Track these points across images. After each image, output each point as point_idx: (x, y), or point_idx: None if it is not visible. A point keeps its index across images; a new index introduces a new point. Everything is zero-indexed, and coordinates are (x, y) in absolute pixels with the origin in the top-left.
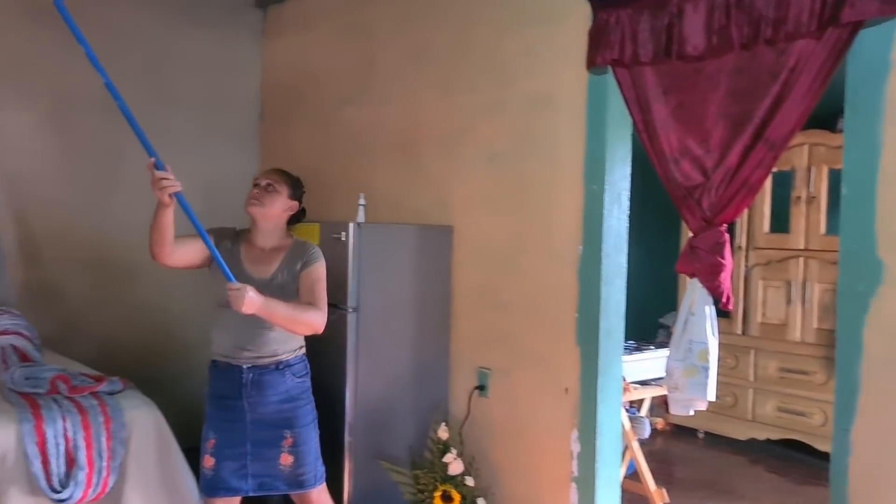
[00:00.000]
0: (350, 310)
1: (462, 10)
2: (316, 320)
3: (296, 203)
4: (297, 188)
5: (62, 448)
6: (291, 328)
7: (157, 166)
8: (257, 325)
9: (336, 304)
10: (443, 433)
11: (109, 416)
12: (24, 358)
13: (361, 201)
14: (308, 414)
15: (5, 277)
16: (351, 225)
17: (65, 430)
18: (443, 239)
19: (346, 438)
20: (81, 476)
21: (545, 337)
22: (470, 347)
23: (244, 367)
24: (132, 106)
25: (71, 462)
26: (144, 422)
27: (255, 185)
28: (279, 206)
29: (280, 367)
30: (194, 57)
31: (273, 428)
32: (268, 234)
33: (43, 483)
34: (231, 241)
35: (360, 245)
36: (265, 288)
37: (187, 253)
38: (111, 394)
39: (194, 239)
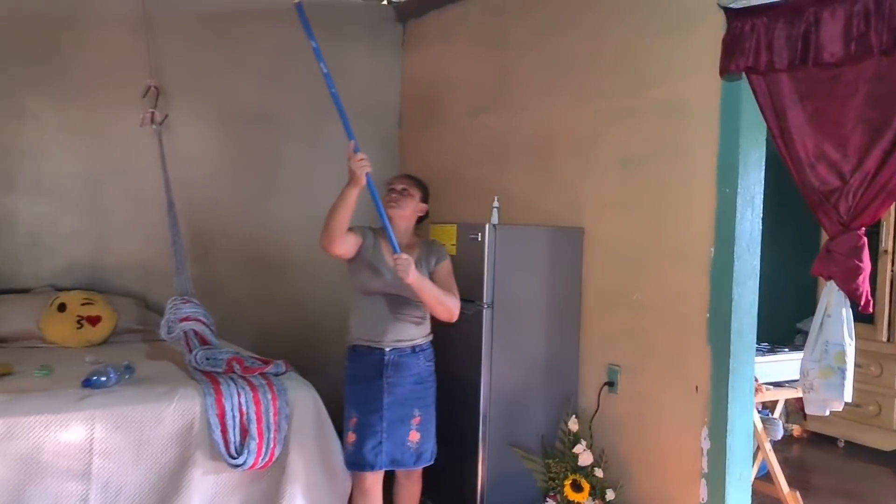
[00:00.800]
0: (485, 306)
1: (596, 19)
2: (454, 306)
3: (425, 206)
4: (426, 192)
5: (237, 420)
6: (433, 305)
7: (355, 149)
8: (397, 310)
9: (472, 300)
10: (573, 425)
11: (276, 394)
12: (203, 341)
13: (496, 204)
14: (433, 395)
15: (187, 272)
16: (486, 226)
17: (240, 404)
18: (574, 240)
19: (481, 427)
20: (253, 445)
21: (675, 336)
22: (600, 344)
23: (386, 349)
24: (295, 115)
25: (245, 433)
26: (304, 400)
27: (392, 190)
28: (412, 209)
29: (415, 350)
30: (342, 70)
31: (405, 407)
32: (401, 233)
33: (222, 449)
34: (373, 236)
35: (495, 245)
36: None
37: (347, 242)
38: (276, 375)
39: (348, 233)
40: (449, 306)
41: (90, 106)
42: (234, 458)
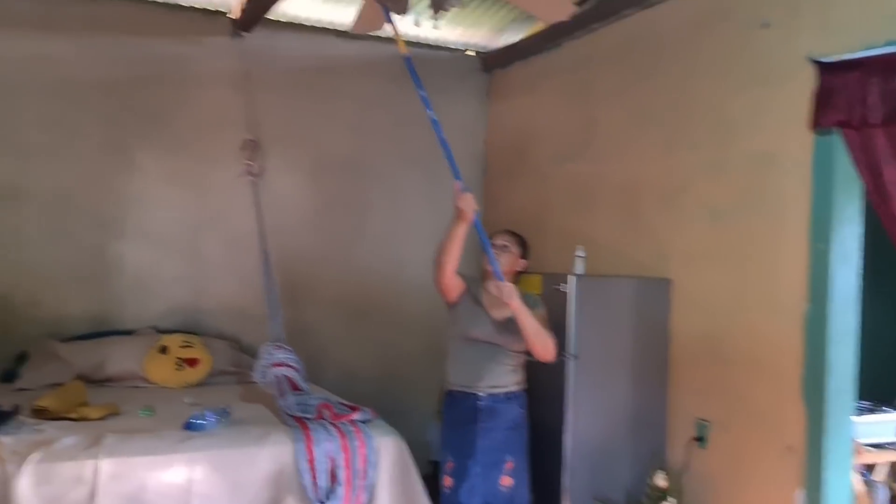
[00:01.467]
0: (570, 356)
1: (683, 71)
2: (551, 343)
3: (525, 262)
4: (525, 248)
5: (326, 466)
6: (532, 338)
7: (462, 189)
8: (494, 358)
9: (558, 352)
10: (661, 481)
11: (363, 441)
12: (294, 387)
13: (580, 253)
14: (526, 441)
15: (279, 317)
16: (571, 277)
17: (328, 450)
18: (661, 291)
19: (564, 479)
20: (340, 491)
21: (767, 393)
22: (688, 398)
23: (481, 395)
24: (381, 163)
25: (333, 478)
26: (391, 448)
27: (492, 245)
28: (512, 264)
29: (510, 397)
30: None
31: (499, 452)
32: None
33: (311, 494)
34: (474, 286)
35: (580, 296)
36: (503, 327)
37: (456, 281)
38: (364, 422)
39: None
40: (548, 341)
41: (193, 158)
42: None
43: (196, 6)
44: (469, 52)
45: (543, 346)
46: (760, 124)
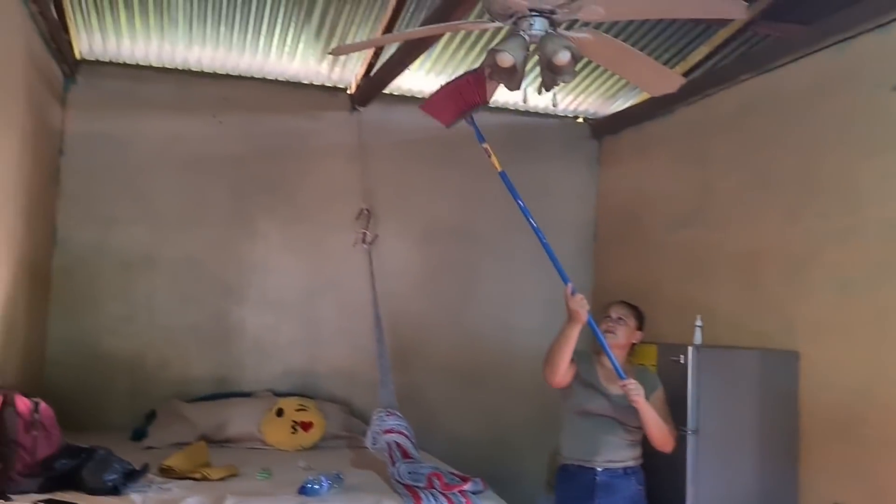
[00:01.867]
0: (689, 432)
1: (807, 137)
2: (672, 435)
3: (641, 334)
4: (641, 320)
5: None
6: (655, 432)
7: (573, 291)
8: (611, 432)
9: (676, 426)
10: None
11: None
12: (405, 454)
13: (698, 323)
14: None
15: (391, 384)
16: (690, 348)
17: None
18: (788, 364)
19: None
20: None
21: None
22: (822, 480)
23: (598, 469)
24: (490, 230)
25: None
26: None
27: (607, 317)
28: (627, 337)
29: (627, 472)
30: (537, 185)
31: None
32: (618, 358)
33: None
34: (587, 362)
35: (699, 368)
36: (620, 403)
37: (568, 372)
38: (474, 493)
39: None
40: (669, 433)
41: (310, 227)
42: None
43: (317, 84)
44: (579, 120)
45: (664, 437)
46: (894, 190)
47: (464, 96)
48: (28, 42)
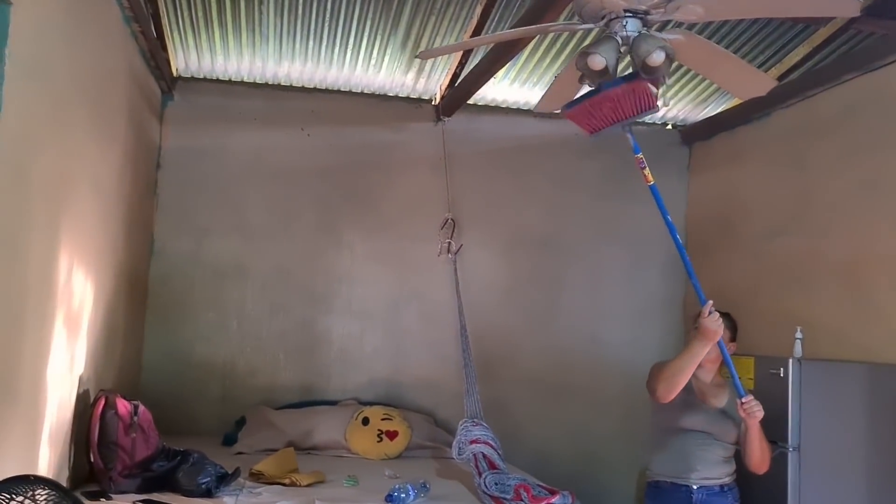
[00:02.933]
0: (791, 449)
1: None
2: (770, 456)
3: (734, 345)
4: (735, 330)
5: None
6: (756, 451)
7: (710, 311)
8: (708, 447)
9: (774, 441)
10: None
11: None
12: (491, 465)
13: (798, 335)
14: None
15: (476, 394)
16: (790, 360)
17: None
18: None
19: None
20: None
21: None
22: None
23: (694, 487)
24: (576, 239)
25: None
26: None
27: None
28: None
29: (724, 489)
30: (625, 195)
31: None
32: (711, 372)
33: None
34: None
35: (800, 382)
36: (718, 416)
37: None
38: None
39: None
40: (769, 451)
41: (395, 237)
42: None
43: (402, 95)
44: (668, 127)
45: (764, 459)
46: None
47: (620, 104)
48: (130, 60)
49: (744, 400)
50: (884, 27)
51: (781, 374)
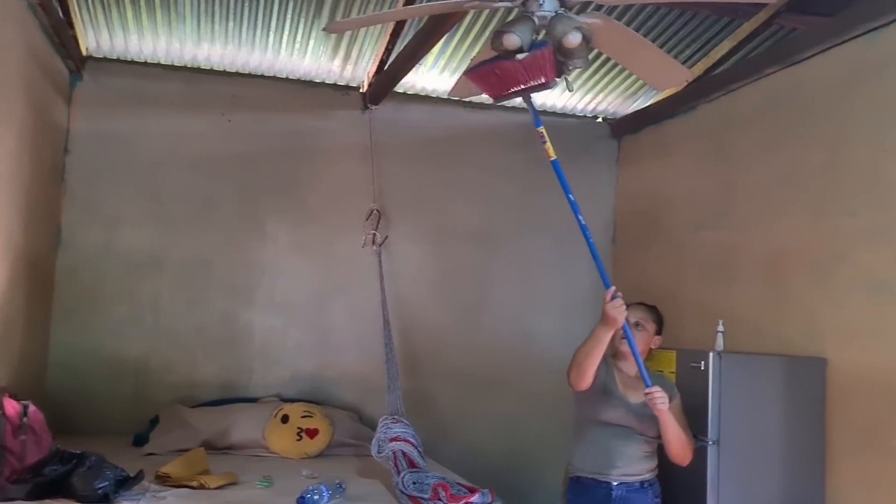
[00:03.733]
0: (710, 442)
1: (835, 131)
2: (691, 446)
3: (659, 338)
4: (661, 324)
5: None
6: (674, 443)
7: (613, 296)
8: (628, 443)
9: (694, 435)
10: None
11: None
12: (411, 463)
13: (720, 328)
14: None
15: (398, 390)
16: (711, 354)
17: None
18: (814, 372)
19: None
20: None
21: None
22: (852, 492)
23: (613, 483)
24: (504, 233)
25: None
26: None
27: (626, 321)
28: (646, 342)
29: (644, 485)
30: (554, 187)
31: None
32: (632, 366)
33: None
34: (605, 368)
35: (721, 375)
36: (639, 411)
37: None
38: None
39: None
40: (689, 444)
41: (321, 228)
42: None
43: (329, 82)
44: (598, 119)
45: (683, 449)
46: None
47: (523, 71)
48: (28, 35)
49: (646, 390)
50: (805, 23)
51: (702, 368)
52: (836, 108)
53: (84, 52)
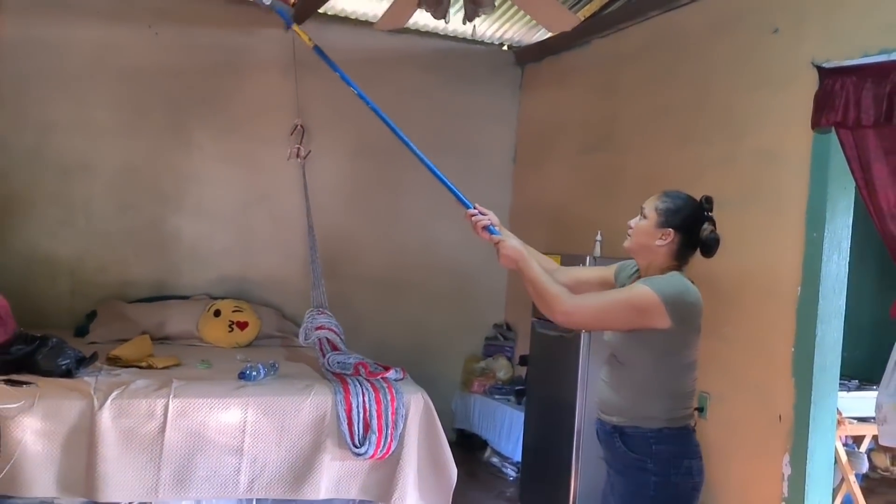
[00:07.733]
0: (583, 330)
1: (700, 72)
2: (556, 302)
3: (669, 231)
4: (670, 215)
5: (361, 415)
6: (530, 292)
7: (466, 206)
8: (608, 372)
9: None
10: None
11: (394, 395)
12: (334, 348)
13: (598, 237)
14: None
15: (322, 286)
16: (588, 258)
17: (364, 402)
18: None
19: (575, 443)
20: (374, 438)
21: (762, 368)
22: None
23: (599, 422)
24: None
25: (367, 427)
26: (418, 403)
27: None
28: (645, 234)
29: (615, 430)
30: (462, 109)
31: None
32: (646, 271)
33: (348, 440)
34: (627, 278)
35: None
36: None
37: (585, 286)
38: (395, 380)
39: (585, 270)
40: (549, 298)
41: (245, 139)
42: (358, 448)
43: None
44: (504, 47)
45: (543, 302)
46: (766, 123)
47: None
48: None
49: (469, 211)
50: None
51: None
52: (702, 52)
53: None
